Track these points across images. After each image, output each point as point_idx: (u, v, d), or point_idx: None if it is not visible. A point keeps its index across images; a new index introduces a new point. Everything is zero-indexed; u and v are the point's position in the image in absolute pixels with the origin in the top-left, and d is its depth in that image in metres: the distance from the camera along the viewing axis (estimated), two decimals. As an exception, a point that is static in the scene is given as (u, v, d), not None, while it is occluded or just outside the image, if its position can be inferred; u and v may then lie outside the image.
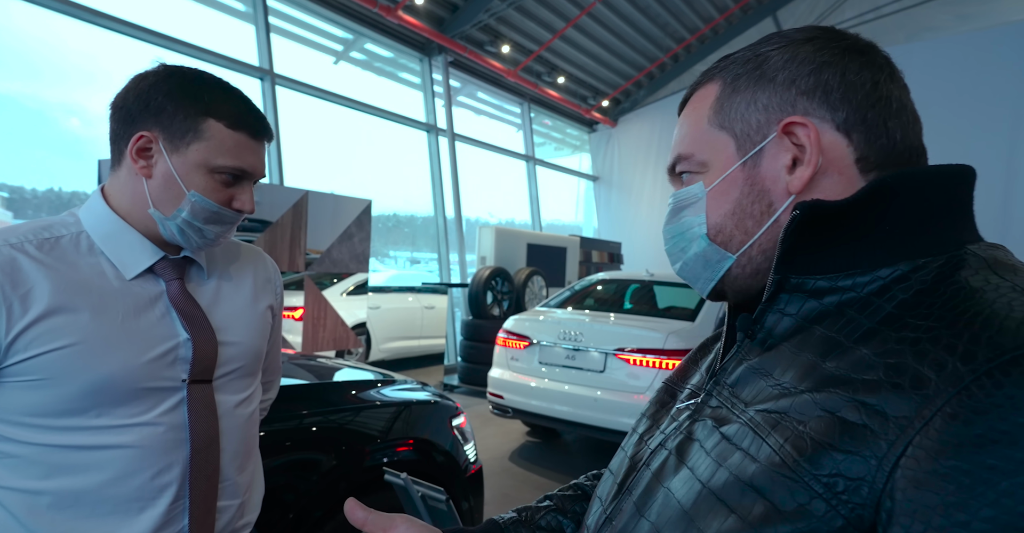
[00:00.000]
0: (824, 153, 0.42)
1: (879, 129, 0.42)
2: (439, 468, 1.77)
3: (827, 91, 0.42)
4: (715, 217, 0.46)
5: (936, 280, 0.37)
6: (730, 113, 0.45)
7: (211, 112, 0.73)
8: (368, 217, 4.37)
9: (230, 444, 0.80)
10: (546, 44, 8.04)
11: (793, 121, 0.42)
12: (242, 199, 0.76)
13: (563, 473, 3.38)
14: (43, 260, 0.69)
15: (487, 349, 4.84)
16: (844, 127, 0.42)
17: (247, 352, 0.83)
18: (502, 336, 3.70)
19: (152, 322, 0.74)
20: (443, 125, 7.41)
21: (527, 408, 3.45)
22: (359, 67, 7.05)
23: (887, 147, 0.42)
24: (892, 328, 0.35)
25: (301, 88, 6.00)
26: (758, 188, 0.44)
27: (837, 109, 0.42)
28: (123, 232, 0.75)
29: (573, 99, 9.50)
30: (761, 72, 0.44)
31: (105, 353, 0.68)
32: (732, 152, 0.45)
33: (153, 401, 0.72)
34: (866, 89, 0.42)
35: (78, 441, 0.68)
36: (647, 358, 3.08)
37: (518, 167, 9.28)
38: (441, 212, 7.29)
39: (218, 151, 0.73)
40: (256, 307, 0.87)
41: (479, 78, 8.15)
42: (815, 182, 0.42)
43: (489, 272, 5.56)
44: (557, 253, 7.16)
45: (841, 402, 0.33)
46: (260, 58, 5.59)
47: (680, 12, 8.48)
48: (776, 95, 0.43)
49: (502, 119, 9.13)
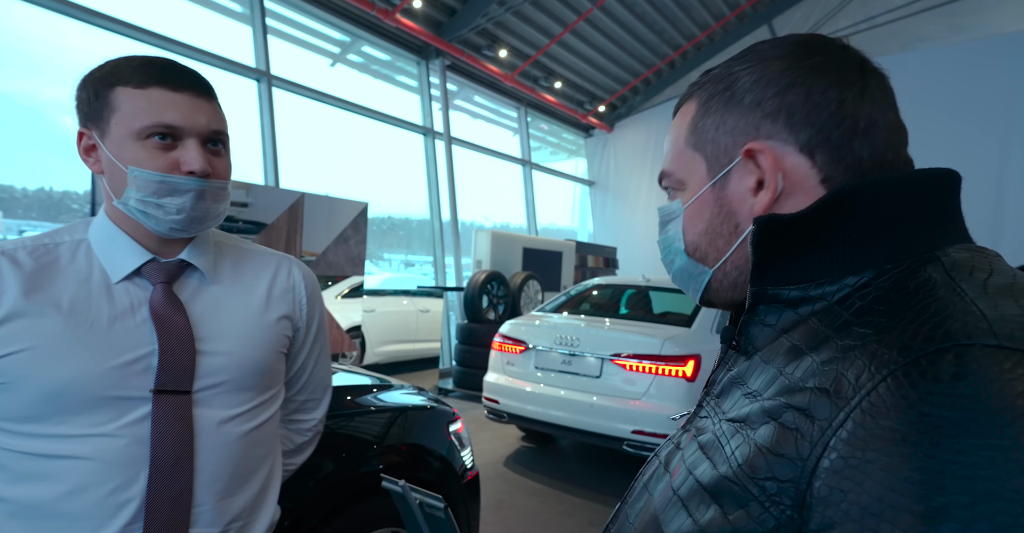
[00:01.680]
0: (787, 175, 0.42)
1: (844, 149, 0.42)
2: (435, 474, 1.76)
3: (790, 113, 0.42)
4: (691, 235, 0.49)
5: (891, 287, 0.37)
6: (702, 134, 0.47)
7: (116, 81, 0.69)
8: (364, 220, 4.36)
9: (210, 465, 0.72)
10: (543, 49, 8.07)
11: (753, 148, 0.43)
12: (188, 159, 0.69)
13: (558, 479, 3.37)
14: (26, 266, 0.69)
15: (482, 353, 4.83)
16: (807, 148, 0.42)
17: (239, 364, 0.76)
18: (498, 340, 3.69)
19: (128, 328, 0.70)
20: (440, 128, 7.41)
21: (523, 413, 3.43)
22: (356, 70, 7.05)
23: (853, 166, 0.42)
24: (840, 335, 0.36)
25: (298, 90, 5.99)
26: (726, 209, 0.46)
27: (799, 131, 0.42)
28: (114, 236, 0.74)
29: (570, 104, 9.54)
30: (731, 93, 0.45)
31: (63, 358, 0.66)
32: (704, 173, 0.47)
33: (117, 411, 0.68)
34: (831, 109, 0.42)
35: (39, 449, 0.66)
36: (643, 364, 3.07)
37: (514, 171, 9.29)
38: (437, 215, 7.28)
39: (133, 115, 0.68)
40: (264, 317, 0.81)
41: (476, 82, 8.16)
42: (780, 204, 0.43)
43: (485, 276, 5.55)
44: (553, 257, 7.16)
45: (782, 408, 0.35)
46: (257, 60, 5.58)
47: (677, 19, 8.53)
48: (742, 118, 0.44)
49: (499, 123, 9.15)
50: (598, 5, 7.53)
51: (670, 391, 3.01)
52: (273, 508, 0.83)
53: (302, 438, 0.97)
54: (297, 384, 0.92)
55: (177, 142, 0.70)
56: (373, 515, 1.54)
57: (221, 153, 0.74)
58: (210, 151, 0.73)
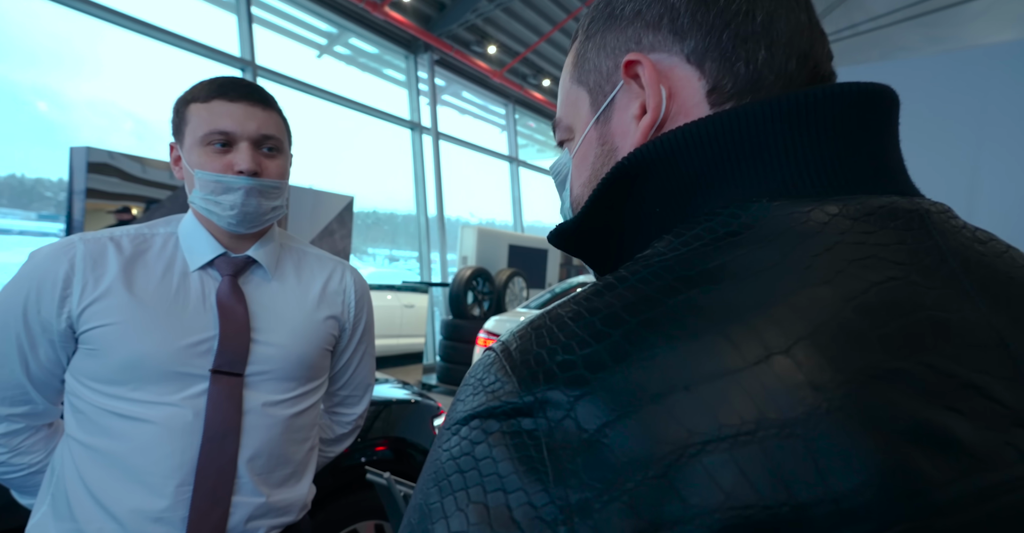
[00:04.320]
0: (673, 94, 0.34)
1: (736, 51, 0.34)
2: (418, 468, 1.77)
3: (673, 17, 0.35)
4: (576, 188, 0.40)
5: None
6: (584, 64, 0.39)
7: (191, 99, 0.80)
8: (350, 214, 4.33)
9: (253, 441, 0.81)
10: (532, 47, 8.07)
11: (631, 60, 0.35)
12: (238, 160, 0.79)
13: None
14: (126, 251, 0.80)
15: (467, 349, 4.83)
16: (695, 57, 0.34)
17: (287, 356, 0.85)
18: (483, 336, 3.70)
19: (196, 313, 0.80)
20: (427, 123, 7.38)
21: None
22: (343, 62, 6.98)
23: (745, 73, 0.34)
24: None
25: (283, 81, 5.91)
26: (608, 147, 0.37)
27: (686, 36, 0.35)
28: (196, 230, 0.84)
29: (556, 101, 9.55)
30: (611, 9, 0.38)
31: (142, 334, 0.76)
32: (587, 109, 0.39)
33: (181, 384, 0.77)
34: (720, 4, 0.34)
35: (118, 408, 0.76)
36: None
37: (500, 168, 9.29)
38: (423, 210, 7.25)
39: (198, 125, 0.79)
40: (315, 315, 0.90)
41: (465, 78, 8.13)
42: (663, 130, 0.34)
43: (471, 272, 5.55)
44: (538, 255, 7.18)
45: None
46: (242, 49, 5.49)
47: (665, 20, 8.61)
48: (622, 32, 0.37)
49: (486, 119, 9.14)
50: (587, 4, 7.54)
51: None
52: (307, 488, 0.91)
53: (342, 429, 1.06)
54: (341, 379, 1.01)
55: (232, 146, 0.80)
56: (356, 508, 1.54)
57: (275, 156, 0.83)
58: (263, 155, 0.82)
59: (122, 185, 2.99)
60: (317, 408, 0.93)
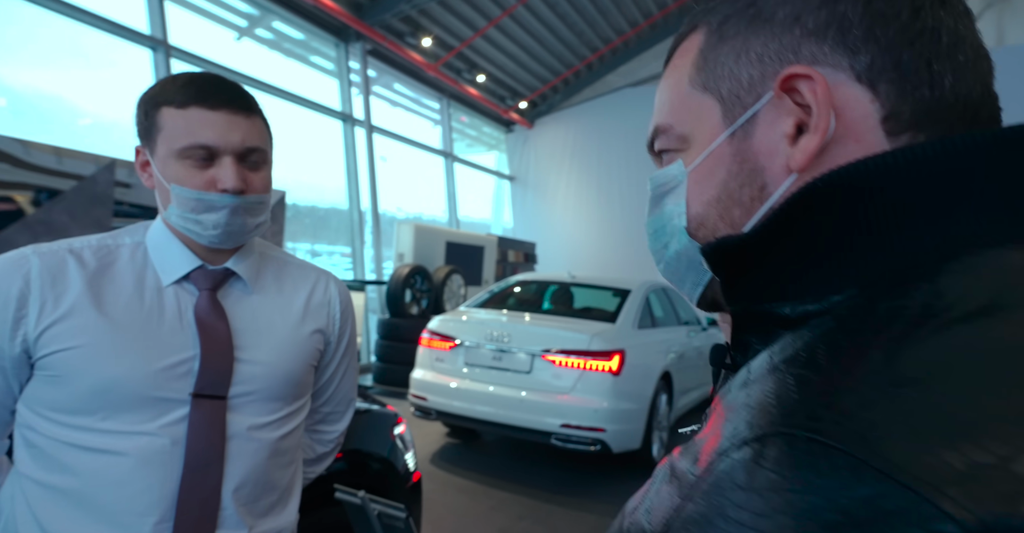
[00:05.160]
0: (839, 114, 0.31)
1: (919, 74, 0.30)
2: (376, 477, 1.70)
3: (843, 28, 0.31)
4: (696, 206, 0.36)
5: (842, 319, 0.28)
6: (715, 69, 0.35)
7: (161, 101, 0.72)
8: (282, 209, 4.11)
9: (238, 468, 0.75)
10: (468, 41, 7.99)
11: (794, 73, 0.31)
12: (222, 177, 0.72)
13: (485, 474, 3.38)
14: (90, 265, 0.73)
15: (405, 348, 4.73)
16: (868, 76, 0.31)
17: (273, 374, 0.79)
18: (426, 337, 3.63)
19: (173, 331, 0.74)
20: (359, 115, 7.12)
21: (452, 410, 3.41)
22: (266, 46, 6.57)
23: (929, 99, 0.30)
24: (758, 380, 0.28)
25: (200, 63, 5.47)
26: (749, 166, 0.34)
27: (858, 52, 0.31)
28: (169, 242, 0.77)
29: (492, 98, 9.53)
30: (756, 10, 0.34)
31: (114, 357, 0.70)
32: (718, 120, 0.35)
33: (158, 411, 0.71)
34: (902, 19, 0.31)
35: (84, 441, 0.69)
36: (573, 359, 3.16)
37: (433, 162, 9.15)
38: (356, 205, 7.00)
39: (174, 134, 0.71)
40: (300, 329, 0.84)
41: (398, 69, 7.92)
42: (826, 154, 0.31)
43: (409, 270, 5.43)
44: (475, 252, 7.15)
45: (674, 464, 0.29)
46: (152, 26, 5.02)
47: (595, 23, 8.80)
48: (774, 39, 0.33)
49: (419, 113, 8.95)
50: (522, 2, 7.57)
51: (597, 385, 3.12)
52: (294, 514, 0.86)
53: (324, 448, 0.99)
54: (323, 396, 0.95)
55: (214, 160, 0.72)
56: (316, 529, 1.45)
57: (259, 168, 0.76)
58: (247, 167, 0.75)
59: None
60: (302, 428, 0.87)
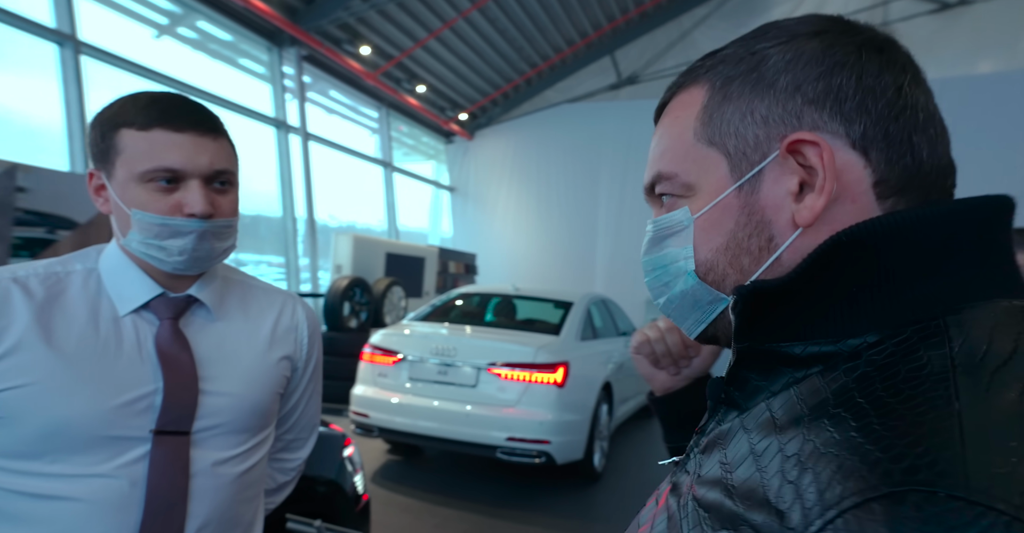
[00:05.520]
0: (838, 177, 0.35)
1: (903, 146, 0.35)
2: (323, 501, 1.64)
3: (840, 99, 0.35)
4: (705, 252, 0.39)
5: (881, 365, 0.30)
6: (721, 126, 0.38)
7: (121, 123, 0.69)
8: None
9: (202, 507, 0.71)
10: (408, 52, 7.95)
11: (801, 138, 0.35)
12: (189, 201, 0.69)
13: (428, 492, 3.33)
14: (37, 295, 0.68)
15: (343, 363, 4.59)
16: (861, 144, 0.35)
17: (239, 405, 0.76)
18: (368, 351, 3.54)
19: (132, 364, 0.70)
20: (293, 121, 6.89)
21: (395, 426, 3.34)
22: (189, 46, 6.24)
23: (911, 167, 0.35)
24: (810, 425, 0.30)
25: (113, 61, 5.11)
26: (756, 218, 0.37)
27: (853, 121, 0.35)
28: (125, 268, 0.73)
29: (432, 109, 9.52)
30: (759, 74, 0.37)
31: (65, 396, 0.65)
32: (724, 173, 0.38)
33: (115, 451, 0.67)
34: (888, 96, 0.35)
35: (30, 488, 0.64)
36: (518, 372, 3.19)
37: (369, 171, 8.98)
38: (290, 213, 6.74)
39: (136, 158, 0.68)
40: (267, 357, 0.81)
41: (335, 77, 7.76)
42: (826, 212, 0.35)
43: (348, 282, 5.28)
44: (415, 263, 7.06)
45: (741, 521, 0.30)
46: (58, 19, 4.65)
47: (534, 39, 9.02)
48: (778, 104, 0.36)
49: (355, 121, 8.78)
50: (463, 15, 7.64)
51: (542, 397, 3.16)
52: None
53: (284, 477, 0.95)
54: (287, 423, 0.91)
55: (179, 184, 0.69)
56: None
57: (227, 191, 0.74)
58: (214, 190, 0.72)
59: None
60: (266, 459, 0.84)
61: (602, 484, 3.60)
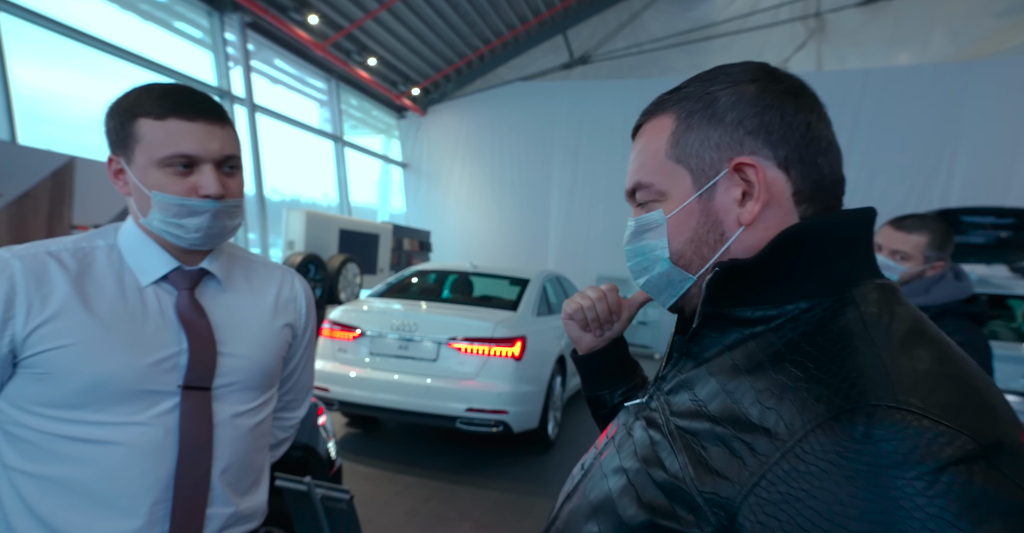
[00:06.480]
0: (768, 189, 0.47)
1: (812, 166, 0.48)
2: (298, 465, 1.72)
3: (769, 132, 0.48)
4: (676, 243, 0.51)
5: (816, 324, 0.43)
6: (686, 148, 0.50)
7: (137, 113, 0.76)
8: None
9: (224, 453, 0.81)
10: (358, 23, 7.71)
11: (743, 161, 0.47)
12: (204, 184, 0.77)
13: (387, 461, 3.43)
14: (71, 268, 0.76)
15: (300, 341, 4.54)
16: (784, 164, 0.48)
17: (251, 366, 0.85)
18: (327, 327, 3.57)
19: (157, 328, 0.78)
20: (238, 91, 6.61)
21: (356, 399, 3.41)
22: (117, 6, 5.83)
23: (818, 181, 0.48)
24: (774, 367, 0.42)
25: (33, 19, 4.74)
26: (712, 218, 0.49)
27: (778, 148, 0.48)
28: (144, 244, 0.81)
29: (384, 83, 9.29)
30: (712, 111, 0.49)
31: (104, 355, 0.74)
32: (689, 185, 0.50)
33: (148, 403, 0.76)
34: (801, 130, 0.48)
35: (77, 433, 0.73)
36: (478, 346, 3.31)
37: (318, 144, 8.73)
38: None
39: (154, 145, 0.75)
40: (272, 324, 0.91)
41: (281, 45, 7.45)
42: (761, 214, 0.48)
43: (302, 258, 5.22)
44: (370, 240, 7.01)
45: (730, 437, 0.41)
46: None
47: (487, 14, 8.92)
48: (726, 134, 0.48)
49: (303, 92, 8.48)
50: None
51: (500, 370, 3.30)
52: (266, 495, 0.93)
53: (284, 434, 1.06)
54: (287, 384, 1.02)
55: (194, 168, 0.77)
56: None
57: (235, 174, 0.82)
58: (224, 173, 0.80)
59: None
60: (271, 416, 0.95)
61: (555, 451, 3.80)
